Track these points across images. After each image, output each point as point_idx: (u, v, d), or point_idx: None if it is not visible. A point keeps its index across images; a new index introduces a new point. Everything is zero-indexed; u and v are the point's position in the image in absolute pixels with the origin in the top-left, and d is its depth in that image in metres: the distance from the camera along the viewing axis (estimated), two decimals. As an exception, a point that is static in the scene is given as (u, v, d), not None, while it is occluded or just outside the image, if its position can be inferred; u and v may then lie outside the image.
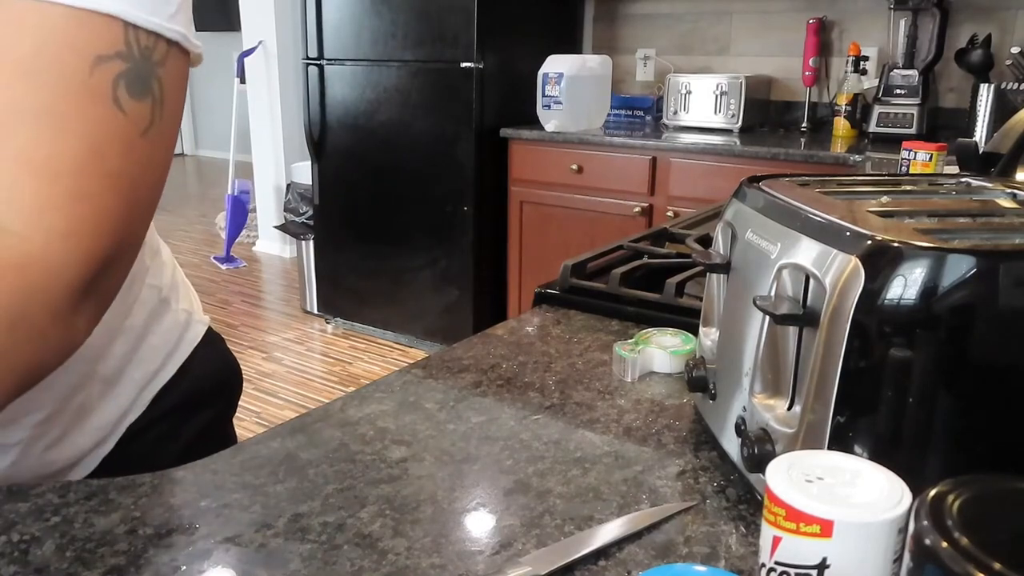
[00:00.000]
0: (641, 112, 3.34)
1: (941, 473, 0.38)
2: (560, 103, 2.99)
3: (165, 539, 0.54)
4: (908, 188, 0.72)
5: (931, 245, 0.47)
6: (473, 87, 3.02)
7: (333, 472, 0.62)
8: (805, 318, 0.52)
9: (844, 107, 2.87)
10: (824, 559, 0.38)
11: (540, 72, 3.02)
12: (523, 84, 3.13)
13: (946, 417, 0.48)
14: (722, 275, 0.67)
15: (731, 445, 0.62)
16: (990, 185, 0.71)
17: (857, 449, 0.49)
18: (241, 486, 0.60)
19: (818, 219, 0.54)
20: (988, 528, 0.34)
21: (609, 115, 3.27)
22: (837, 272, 0.49)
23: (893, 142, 2.43)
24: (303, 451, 0.65)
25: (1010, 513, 0.36)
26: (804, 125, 3.03)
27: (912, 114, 2.72)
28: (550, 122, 3.00)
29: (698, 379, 0.68)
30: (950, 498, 0.36)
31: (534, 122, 3.08)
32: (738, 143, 2.69)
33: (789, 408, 0.55)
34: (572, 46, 3.52)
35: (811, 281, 0.52)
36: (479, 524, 0.56)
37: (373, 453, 0.65)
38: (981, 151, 0.81)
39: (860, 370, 0.48)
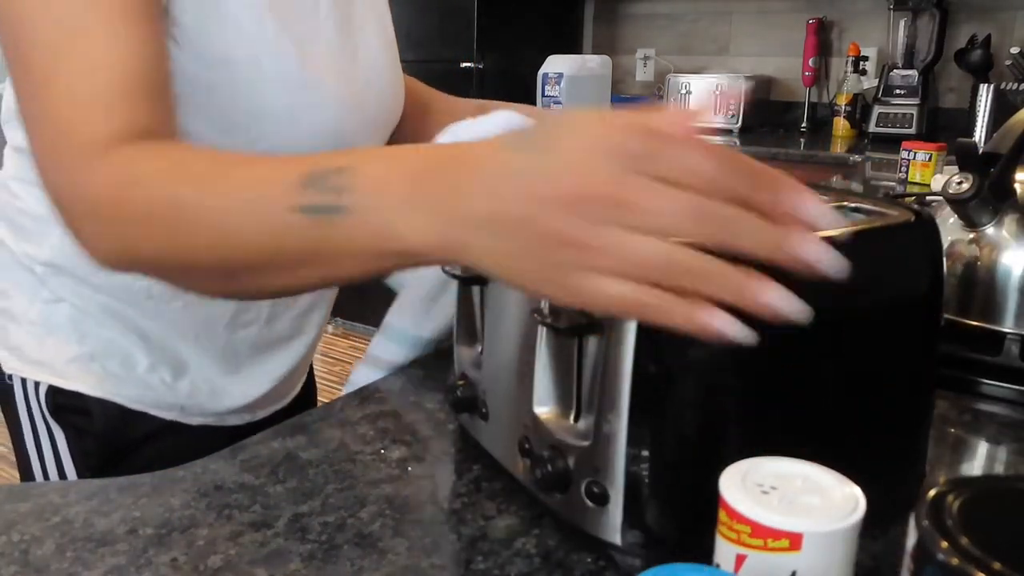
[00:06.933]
0: (641, 112, 3.33)
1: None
2: (560, 103, 2.99)
3: (165, 539, 0.54)
4: None
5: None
6: (473, 87, 3.02)
7: (333, 472, 0.62)
8: (590, 327, 0.50)
9: (844, 107, 2.87)
10: (793, 573, 0.38)
11: (540, 72, 3.01)
12: (523, 84, 3.13)
13: (738, 407, 0.49)
14: (478, 287, 0.63)
15: (514, 463, 0.59)
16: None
17: (653, 452, 0.48)
18: (241, 486, 0.60)
19: None
20: (988, 528, 0.34)
21: (609, 115, 3.27)
22: None
23: (893, 142, 2.43)
24: (303, 451, 0.65)
25: (1010, 513, 0.36)
26: (804, 125, 3.03)
27: (912, 114, 2.72)
28: (550, 122, 2.99)
29: (465, 399, 0.64)
30: (950, 498, 0.36)
31: (534, 122, 3.08)
32: (738, 143, 2.69)
33: (575, 420, 0.53)
34: (572, 46, 3.51)
35: None
36: (479, 524, 0.56)
37: (373, 453, 0.65)
38: (981, 151, 0.81)
39: (650, 374, 0.47)
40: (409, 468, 0.63)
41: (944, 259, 0.56)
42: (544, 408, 0.55)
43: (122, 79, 0.54)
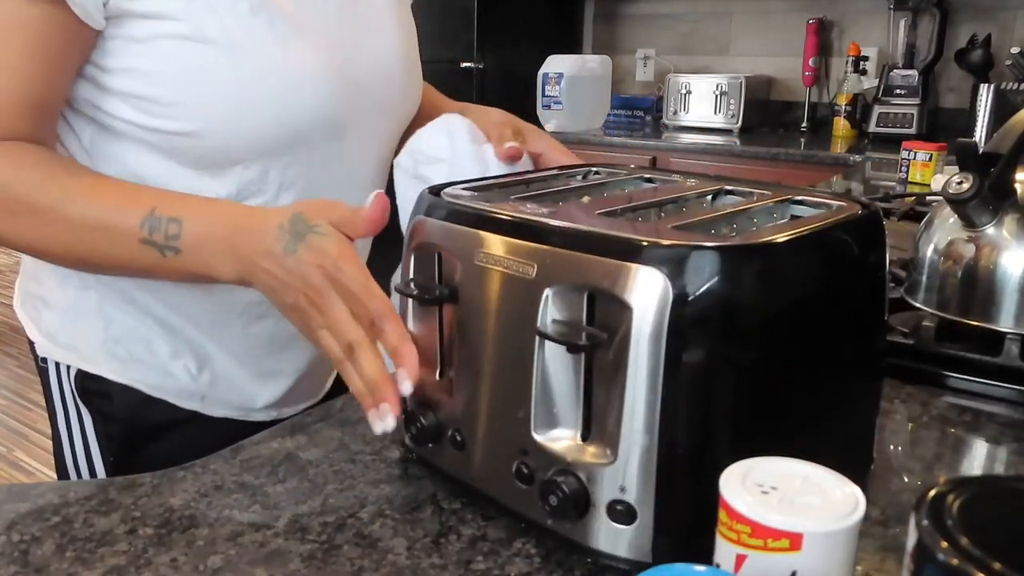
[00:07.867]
0: (641, 112, 3.33)
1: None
2: (560, 103, 2.99)
3: (165, 539, 0.54)
4: (577, 185, 0.70)
5: (736, 244, 0.47)
6: (473, 87, 3.02)
7: (333, 472, 0.62)
8: (611, 341, 0.47)
9: (844, 107, 2.87)
10: (794, 573, 0.38)
11: (540, 72, 3.02)
12: (523, 84, 3.13)
13: (745, 406, 0.49)
14: (443, 306, 0.59)
15: (508, 492, 0.55)
16: (623, 173, 0.71)
17: (679, 463, 0.48)
18: (241, 486, 0.60)
19: (587, 232, 0.50)
20: (988, 528, 0.34)
21: (609, 115, 3.27)
22: (641, 287, 0.46)
23: (893, 142, 2.43)
24: (303, 451, 0.65)
25: (1010, 513, 0.36)
26: (804, 125, 3.03)
27: (912, 114, 2.72)
28: (550, 122, 3.00)
29: (430, 428, 0.59)
30: (950, 498, 0.36)
31: (534, 122, 3.08)
32: (738, 143, 2.69)
33: (584, 439, 0.51)
34: (572, 46, 3.51)
35: (598, 300, 0.48)
36: (479, 523, 0.56)
37: (373, 453, 0.65)
38: (981, 151, 0.81)
39: (680, 384, 0.46)
40: (409, 468, 0.63)
41: (887, 249, 0.58)
42: (547, 431, 0.52)
43: (10, 99, 0.66)
